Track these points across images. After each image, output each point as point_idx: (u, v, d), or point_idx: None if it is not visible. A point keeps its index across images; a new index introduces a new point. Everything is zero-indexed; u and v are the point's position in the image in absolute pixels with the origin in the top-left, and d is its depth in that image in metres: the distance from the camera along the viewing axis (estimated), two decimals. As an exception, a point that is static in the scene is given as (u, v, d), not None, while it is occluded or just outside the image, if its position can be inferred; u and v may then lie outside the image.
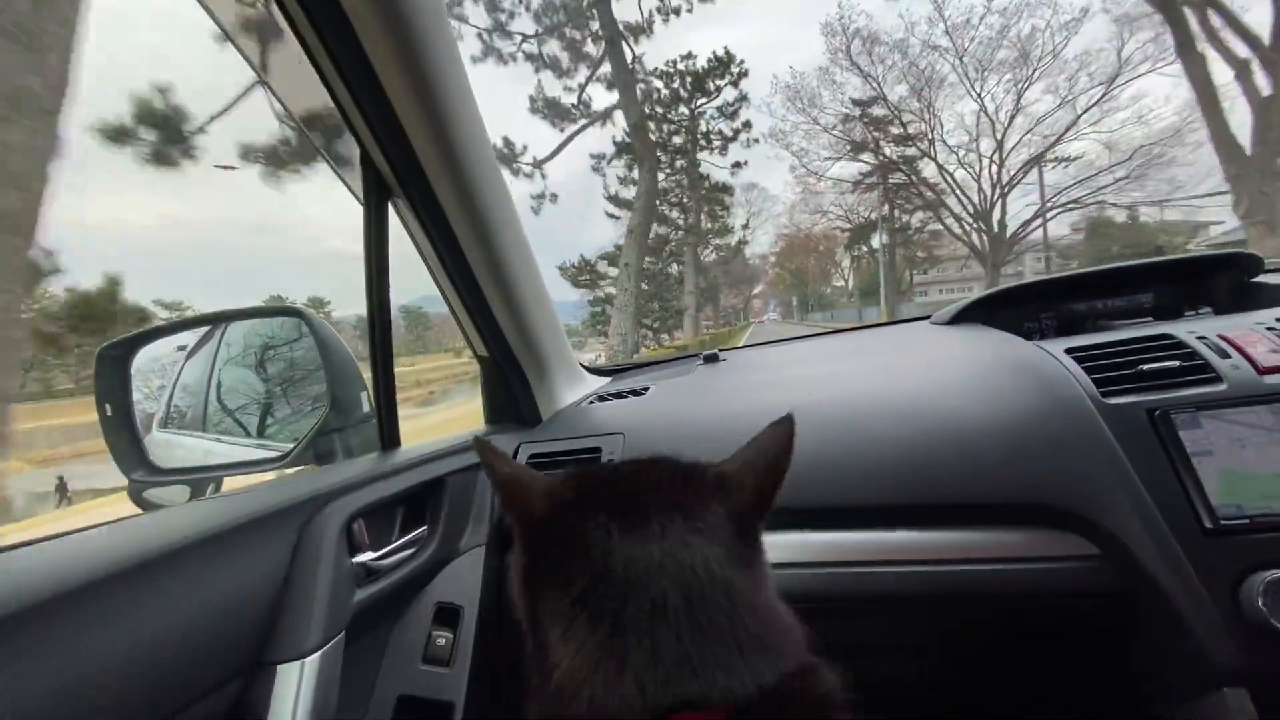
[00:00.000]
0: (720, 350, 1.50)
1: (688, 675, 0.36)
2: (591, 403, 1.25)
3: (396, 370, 0.97)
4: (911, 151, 23.73)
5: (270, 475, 0.95)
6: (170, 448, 1.20)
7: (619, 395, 1.26)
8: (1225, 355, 0.79)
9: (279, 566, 0.64)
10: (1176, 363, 0.80)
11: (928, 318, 1.33)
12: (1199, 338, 0.83)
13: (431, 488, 0.91)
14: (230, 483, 0.99)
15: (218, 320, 1.11)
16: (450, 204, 0.90)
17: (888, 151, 24.38)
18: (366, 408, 1.02)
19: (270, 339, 1.09)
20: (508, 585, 0.97)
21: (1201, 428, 0.74)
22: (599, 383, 1.46)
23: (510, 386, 1.19)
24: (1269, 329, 0.82)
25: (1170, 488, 0.72)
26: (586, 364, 1.52)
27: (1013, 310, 1.15)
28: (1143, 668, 0.78)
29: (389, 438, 0.96)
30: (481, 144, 0.90)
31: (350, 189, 0.90)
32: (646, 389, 1.25)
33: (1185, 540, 0.70)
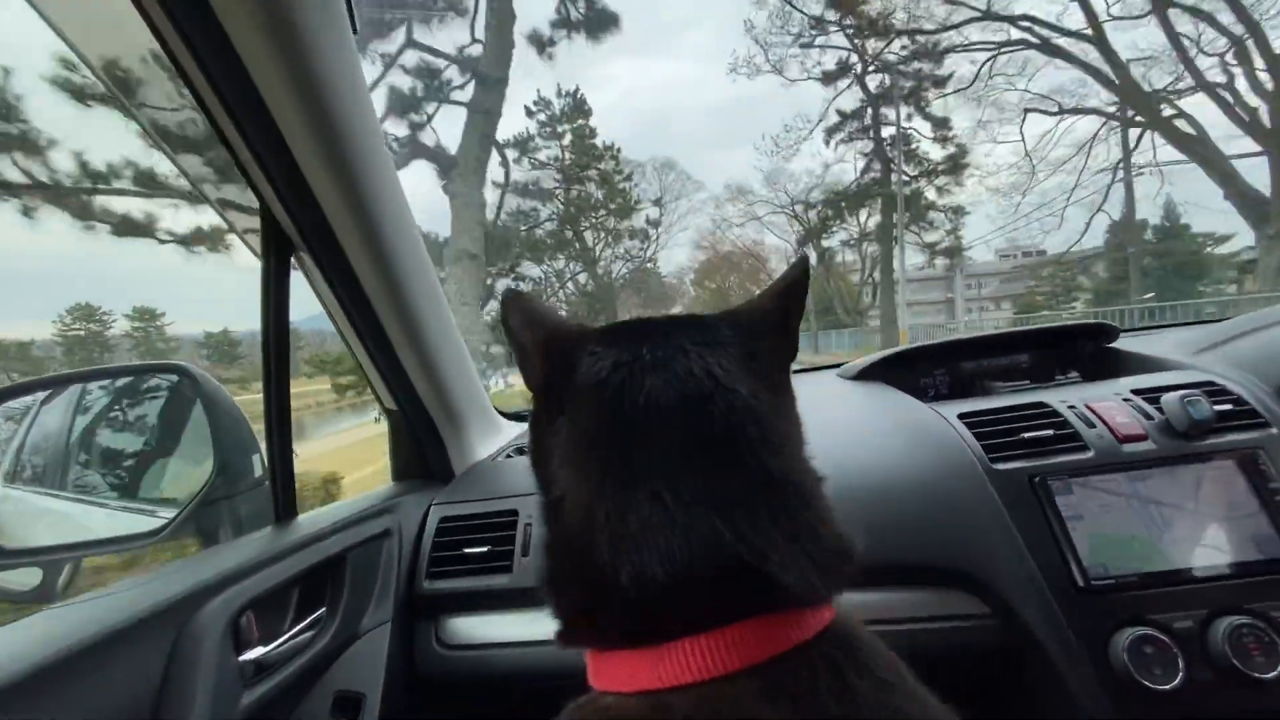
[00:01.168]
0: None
1: (711, 511, 0.34)
2: (509, 456, 1.22)
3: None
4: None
5: (150, 555, 0.85)
6: (19, 510, 1.05)
7: None
8: (1091, 425, 0.88)
9: (149, 684, 0.57)
10: (1051, 431, 0.88)
11: (838, 366, 1.40)
12: (1070, 407, 0.91)
13: (331, 564, 0.84)
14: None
15: (87, 378, 0.99)
16: (359, 257, 0.85)
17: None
18: (260, 472, 0.94)
19: (148, 396, 0.98)
20: (418, 657, 0.92)
21: (1074, 493, 0.82)
22: (517, 429, 1.42)
23: (420, 441, 1.14)
24: (1125, 400, 0.92)
25: (1049, 550, 0.79)
26: (503, 409, 1.48)
27: (911, 367, 1.23)
28: None
29: (285, 507, 0.88)
30: (392, 190, 0.86)
31: (247, 244, 0.84)
32: None
33: (1062, 599, 0.76)
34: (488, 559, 0.95)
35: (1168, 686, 0.69)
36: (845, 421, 1.04)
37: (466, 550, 0.96)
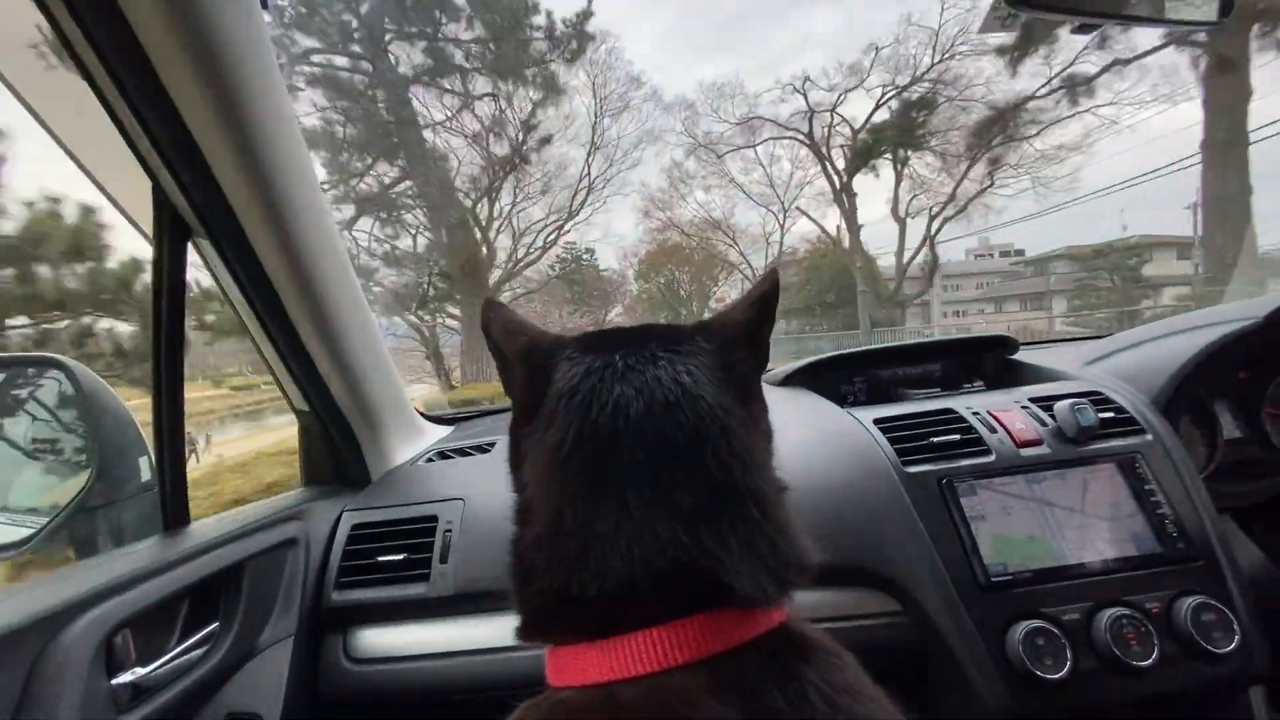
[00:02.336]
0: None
1: (670, 516, 0.36)
2: (430, 459, 1.17)
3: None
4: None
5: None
6: None
7: (462, 451, 1.19)
8: (993, 430, 0.93)
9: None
10: (958, 436, 0.93)
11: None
12: (974, 413, 0.97)
13: (227, 575, 0.78)
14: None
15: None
16: (264, 244, 0.80)
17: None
18: (148, 475, 0.86)
19: (18, 392, 0.88)
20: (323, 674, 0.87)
21: (976, 494, 0.87)
22: (440, 433, 1.37)
23: (334, 443, 1.07)
24: (1023, 406, 0.98)
25: (954, 549, 0.83)
26: (425, 411, 1.42)
27: (833, 375, 1.27)
28: (940, 715, 0.88)
29: (175, 514, 0.81)
30: (303, 173, 0.81)
31: (138, 227, 0.77)
32: (493, 443, 1.20)
33: (966, 596, 0.80)
34: (403, 567, 0.91)
35: (1057, 676, 0.74)
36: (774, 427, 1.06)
37: (380, 559, 0.92)
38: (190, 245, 0.78)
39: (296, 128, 0.77)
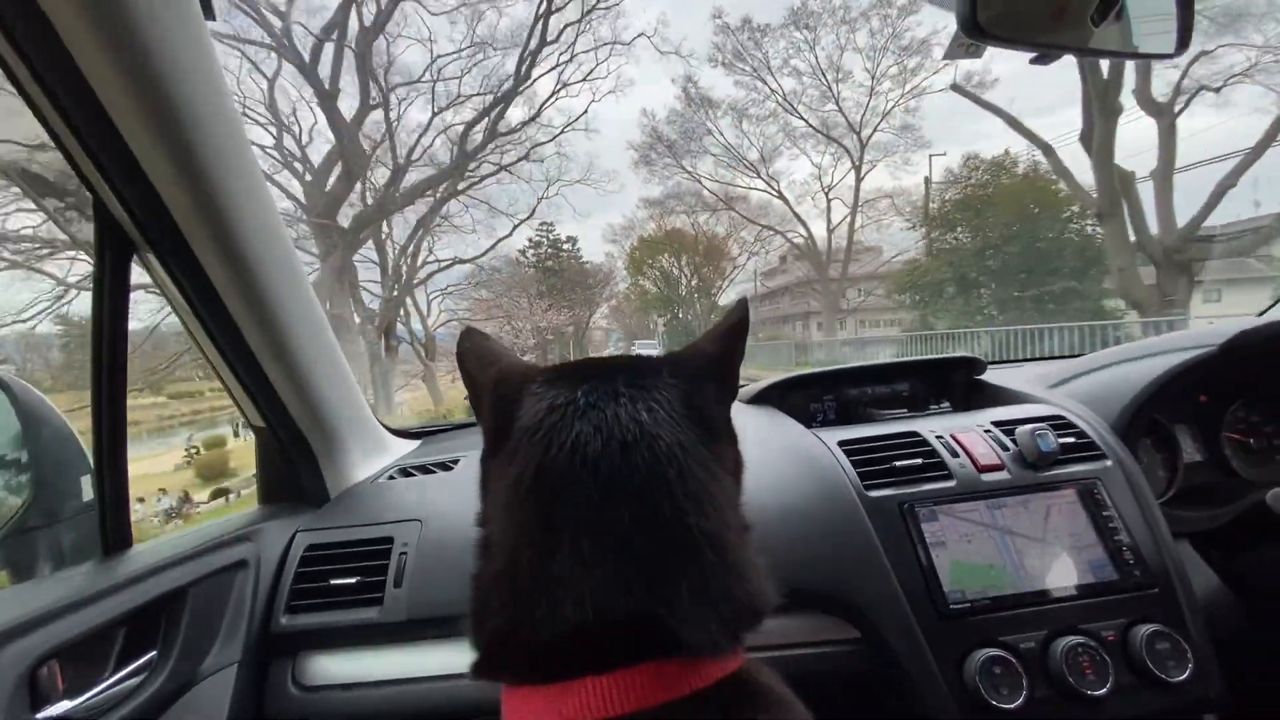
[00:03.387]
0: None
1: (623, 561, 0.36)
2: (391, 477, 1.15)
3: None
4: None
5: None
6: None
7: (424, 469, 1.17)
8: (955, 454, 0.93)
9: None
10: (920, 460, 0.93)
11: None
12: (938, 436, 0.97)
13: (168, 600, 0.75)
14: None
15: None
16: (211, 258, 0.77)
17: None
18: (90, 496, 0.83)
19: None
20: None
21: (938, 520, 0.86)
22: (405, 448, 1.35)
23: (291, 461, 1.05)
24: (985, 431, 0.98)
25: (914, 575, 0.83)
26: (391, 425, 1.40)
27: (801, 393, 1.27)
28: None
29: (115, 537, 0.78)
30: (252, 183, 0.78)
31: (76, 241, 0.74)
32: (456, 461, 1.18)
33: (924, 624, 0.80)
34: (356, 590, 0.88)
35: (1013, 705, 0.74)
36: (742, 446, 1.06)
37: (333, 581, 0.89)
38: (135, 261, 0.76)
39: (243, 135, 0.74)
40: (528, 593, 0.37)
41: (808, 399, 1.27)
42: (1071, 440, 0.94)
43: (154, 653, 0.74)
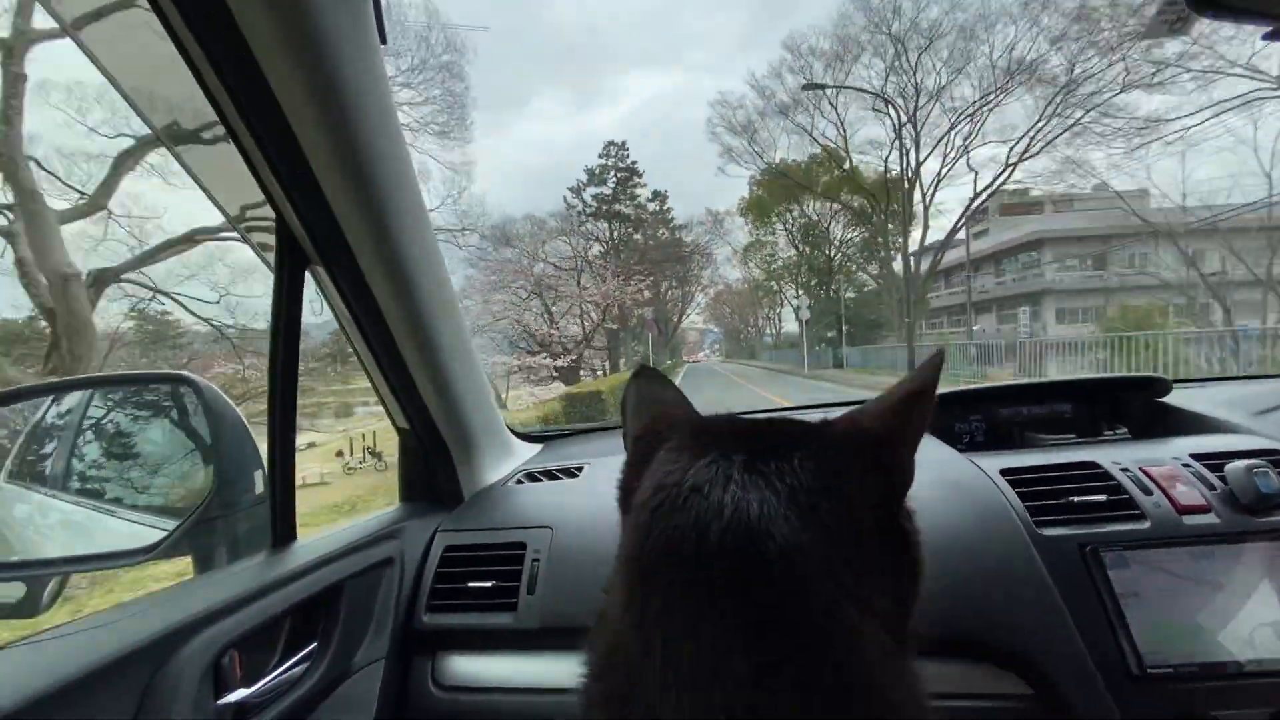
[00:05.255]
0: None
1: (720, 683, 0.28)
2: (520, 481, 1.17)
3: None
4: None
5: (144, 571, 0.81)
6: (15, 507, 1.03)
7: (550, 474, 1.18)
8: (1148, 492, 0.81)
9: None
10: (1104, 496, 0.82)
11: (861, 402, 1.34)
12: (1123, 469, 0.85)
13: (327, 594, 0.80)
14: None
15: (92, 385, 0.96)
16: (374, 273, 0.81)
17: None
18: (261, 489, 0.90)
19: (150, 408, 0.95)
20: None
21: (1129, 568, 0.75)
22: (530, 451, 1.37)
23: (430, 462, 1.09)
24: (1185, 465, 0.85)
25: (1100, 630, 0.72)
26: (517, 430, 1.43)
27: (944, 412, 1.17)
28: None
29: (283, 530, 0.84)
30: (412, 204, 0.82)
31: (260, 255, 0.80)
32: (581, 468, 1.18)
33: (1114, 686, 0.70)
34: (491, 594, 0.90)
35: None
36: None
37: (470, 584, 0.91)
38: (308, 273, 0.82)
39: (409, 160, 0.78)
40: (619, 701, 0.30)
41: (952, 418, 1.17)
42: (1299, 482, 0.79)
43: (315, 644, 0.78)
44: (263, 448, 0.85)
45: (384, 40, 0.68)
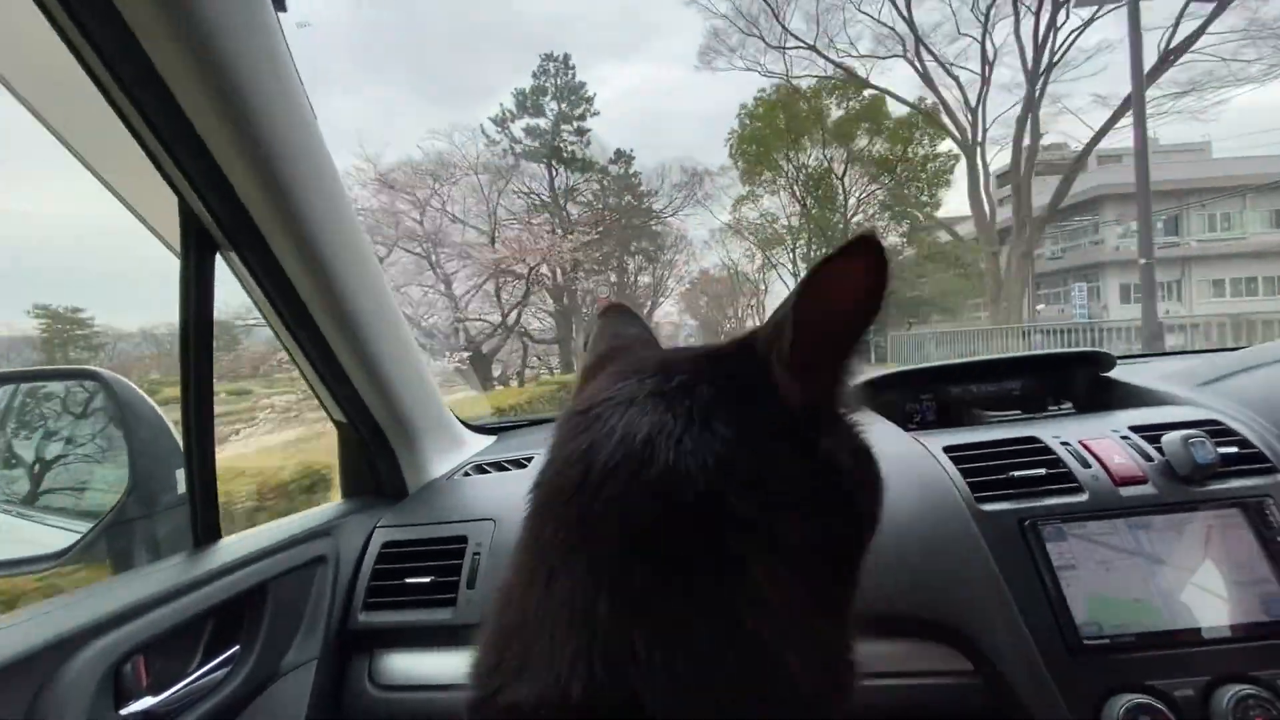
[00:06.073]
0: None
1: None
2: (466, 474, 1.14)
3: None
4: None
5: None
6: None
7: (499, 466, 1.15)
8: (1086, 465, 0.81)
9: None
10: (1043, 470, 0.81)
11: None
12: (1063, 443, 0.85)
13: (252, 594, 0.76)
14: None
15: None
16: (289, 256, 0.77)
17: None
18: (184, 488, 0.86)
19: (58, 405, 0.90)
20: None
21: (1066, 541, 0.75)
22: (482, 444, 1.34)
23: (371, 457, 1.06)
24: (1123, 437, 0.85)
25: (1038, 602, 0.72)
26: (469, 421, 1.39)
27: (895, 392, 1.16)
28: None
29: (205, 529, 0.80)
30: (326, 183, 0.78)
31: (164, 241, 0.76)
32: (530, 458, 1.16)
33: (1051, 660, 0.69)
34: (430, 590, 0.87)
35: None
36: None
37: (408, 580, 0.88)
38: (220, 259, 0.77)
39: (319, 137, 0.74)
40: (504, 641, 0.29)
41: (903, 398, 1.16)
42: (1234, 450, 0.80)
43: (237, 647, 0.75)
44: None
45: (283, 8, 0.64)
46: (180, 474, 0.86)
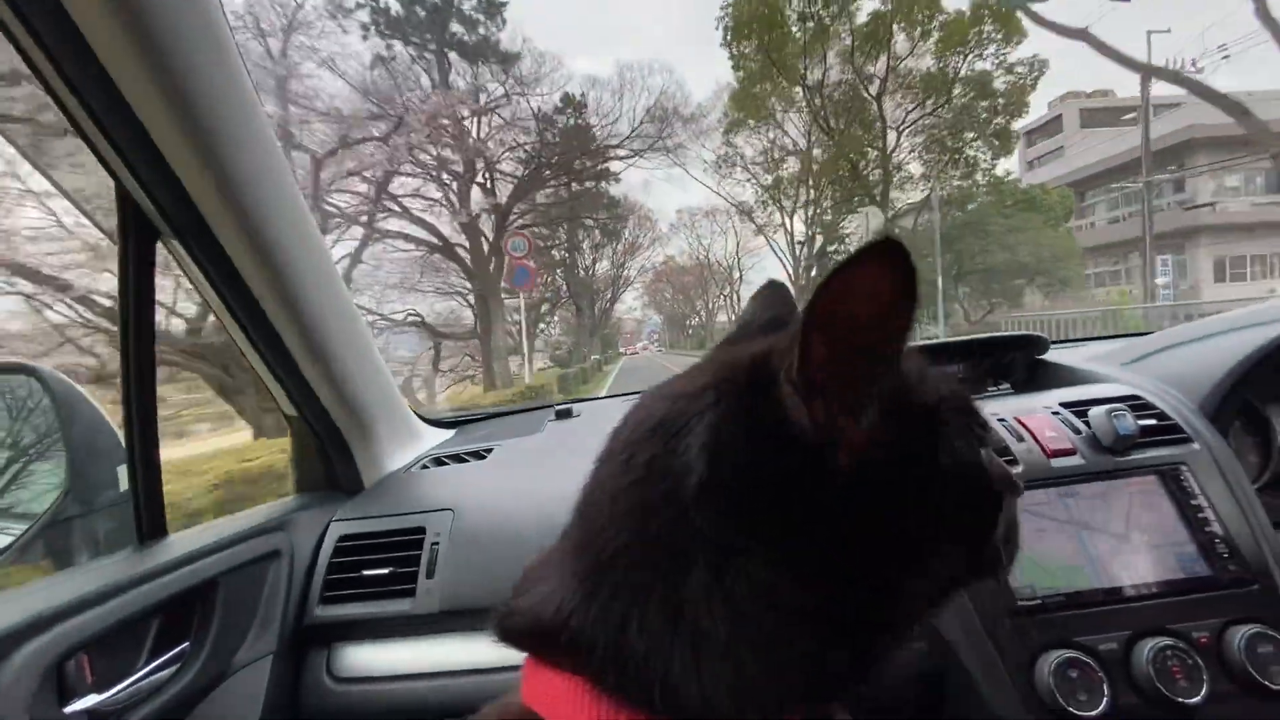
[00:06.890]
0: (577, 400, 1.45)
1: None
2: (425, 466, 1.13)
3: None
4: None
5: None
6: None
7: (458, 458, 1.14)
8: (1021, 439, 0.86)
9: None
10: None
11: None
12: (1000, 420, 0.89)
13: (200, 591, 0.74)
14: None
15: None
16: (233, 241, 0.75)
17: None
18: (126, 486, 0.83)
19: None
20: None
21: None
22: (440, 437, 1.33)
23: (325, 450, 1.04)
24: (1054, 413, 0.90)
25: None
26: (426, 415, 1.38)
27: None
28: None
29: (149, 526, 0.78)
30: (273, 167, 0.76)
31: (100, 227, 0.73)
32: (489, 450, 1.15)
33: (989, 621, 0.73)
34: (388, 581, 0.86)
35: (1093, 712, 0.67)
36: None
37: (366, 572, 0.87)
38: (161, 246, 0.75)
39: (263, 119, 0.72)
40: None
41: None
42: (1152, 422, 0.86)
43: (186, 644, 0.73)
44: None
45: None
46: (122, 471, 0.83)
